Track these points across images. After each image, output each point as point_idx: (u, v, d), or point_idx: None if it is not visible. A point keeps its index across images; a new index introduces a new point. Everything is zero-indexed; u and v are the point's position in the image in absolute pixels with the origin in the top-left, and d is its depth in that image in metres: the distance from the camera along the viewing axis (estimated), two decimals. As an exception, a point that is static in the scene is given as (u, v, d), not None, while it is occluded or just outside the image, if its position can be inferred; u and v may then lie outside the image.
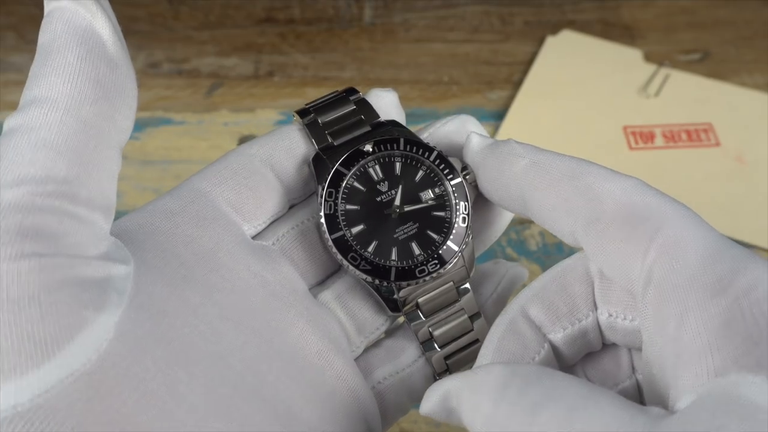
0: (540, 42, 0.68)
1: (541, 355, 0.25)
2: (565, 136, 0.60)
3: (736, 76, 0.66)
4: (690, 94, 0.64)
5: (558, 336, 0.26)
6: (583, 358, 0.27)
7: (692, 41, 0.69)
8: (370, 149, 0.29)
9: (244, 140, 0.60)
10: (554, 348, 0.26)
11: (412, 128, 0.30)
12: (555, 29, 0.69)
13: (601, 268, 0.25)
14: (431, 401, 0.23)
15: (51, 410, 0.20)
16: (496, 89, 0.65)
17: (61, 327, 0.21)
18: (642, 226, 0.23)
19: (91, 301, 0.22)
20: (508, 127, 0.60)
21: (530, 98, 0.63)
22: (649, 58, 0.66)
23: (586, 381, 0.22)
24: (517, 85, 0.64)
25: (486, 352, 0.25)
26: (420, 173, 0.29)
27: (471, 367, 0.29)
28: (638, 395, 0.27)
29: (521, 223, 0.55)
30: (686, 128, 0.61)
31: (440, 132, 0.30)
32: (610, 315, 0.25)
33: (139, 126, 0.61)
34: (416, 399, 0.29)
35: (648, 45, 0.68)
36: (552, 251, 0.54)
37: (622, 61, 0.66)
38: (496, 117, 0.62)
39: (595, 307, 0.26)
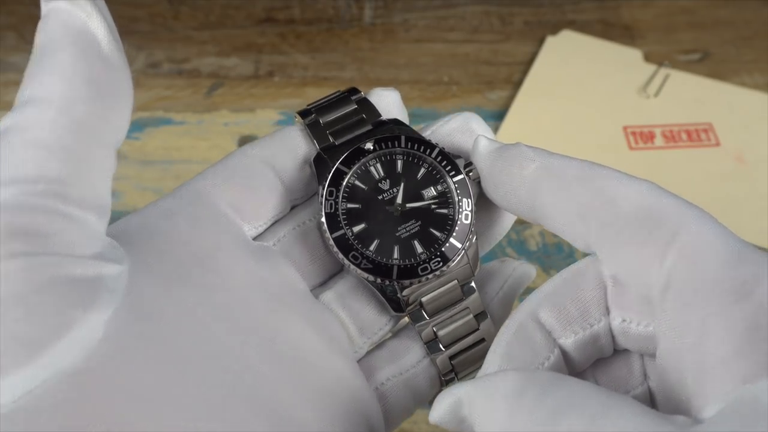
0: (540, 42, 0.68)
1: (551, 361, 0.24)
2: (565, 137, 0.60)
3: (736, 76, 0.65)
4: (690, 94, 0.63)
5: (569, 341, 0.25)
6: (594, 364, 0.26)
7: (692, 41, 0.69)
8: (371, 147, 0.28)
9: (244, 140, 0.60)
10: (564, 353, 0.25)
11: (413, 128, 0.30)
12: (555, 29, 0.69)
13: (616, 273, 0.24)
14: (441, 409, 0.22)
15: (35, 411, 0.20)
16: (496, 89, 0.65)
17: (47, 326, 0.20)
18: (659, 230, 0.23)
19: (80, 300, 0.21)
20: (508, 127, 0.60)
21: (530, 98, 0.63)
22: (648, 58, 0.66)
23: (604, 388, 0.21)
24: (517, 85, 0.64)
25: (493, 358, 0.24)
26: (422, 171, 0.29)
27: (477, 369, 0.29)
28: (650, 403, 0.26)
29: (521, 223, 0.55)
30: (686, 128, 0.61)
31: (443, 130, 0.30)
32: (624, 320, 0.25)
33: (139, 126, 0.61)
34: (421, 400, 0.29)
35: (648, 45, 0.68)
36: (552, 251, 0.54)
37: (622, 61, 0.66)
38: (496, 117, 0.62)
39: (608, 312, 0.25)
